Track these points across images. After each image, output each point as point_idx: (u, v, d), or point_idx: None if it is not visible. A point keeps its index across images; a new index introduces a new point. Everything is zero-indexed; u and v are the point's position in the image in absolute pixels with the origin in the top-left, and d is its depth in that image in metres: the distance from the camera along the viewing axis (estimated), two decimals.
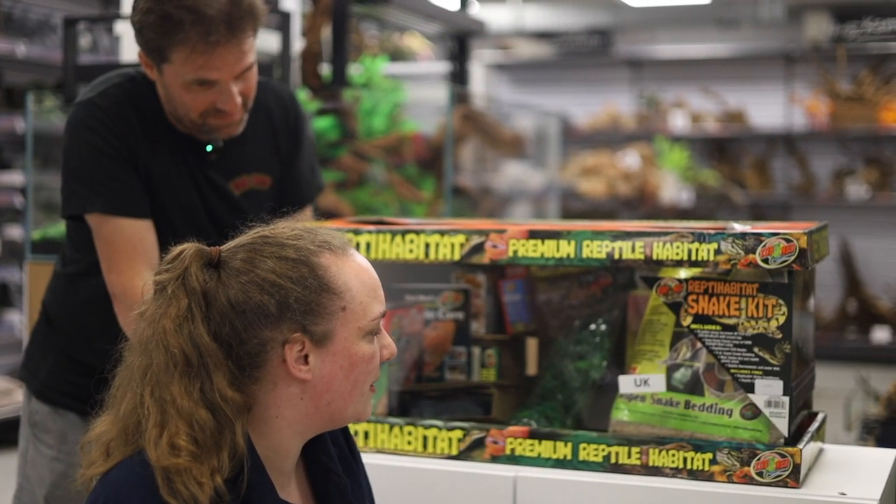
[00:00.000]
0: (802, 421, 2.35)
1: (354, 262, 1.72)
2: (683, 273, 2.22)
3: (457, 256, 2.33)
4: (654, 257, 2.20)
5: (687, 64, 11.48)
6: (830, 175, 10.97)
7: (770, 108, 11.20)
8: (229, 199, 2.63)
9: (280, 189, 2.71)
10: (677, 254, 2.18)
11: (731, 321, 2.17)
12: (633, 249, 2.21)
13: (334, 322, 1.67)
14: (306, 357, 1.66)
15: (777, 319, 2.15)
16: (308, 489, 1.81)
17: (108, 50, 7.31)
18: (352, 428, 2.21)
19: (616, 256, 2.22)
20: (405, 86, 4.52)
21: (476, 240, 2.30)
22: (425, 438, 2.30)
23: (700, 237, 2.17)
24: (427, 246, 2.35)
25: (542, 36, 11.68)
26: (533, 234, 2.28)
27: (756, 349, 2.16)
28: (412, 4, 4.11)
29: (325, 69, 3.88)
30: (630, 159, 7.88)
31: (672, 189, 8.74)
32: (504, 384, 2.45)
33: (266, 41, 4.33)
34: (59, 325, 2.67)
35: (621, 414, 2.27)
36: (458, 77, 4.54)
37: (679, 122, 10.89)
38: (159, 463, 1.57)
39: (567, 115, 11.40)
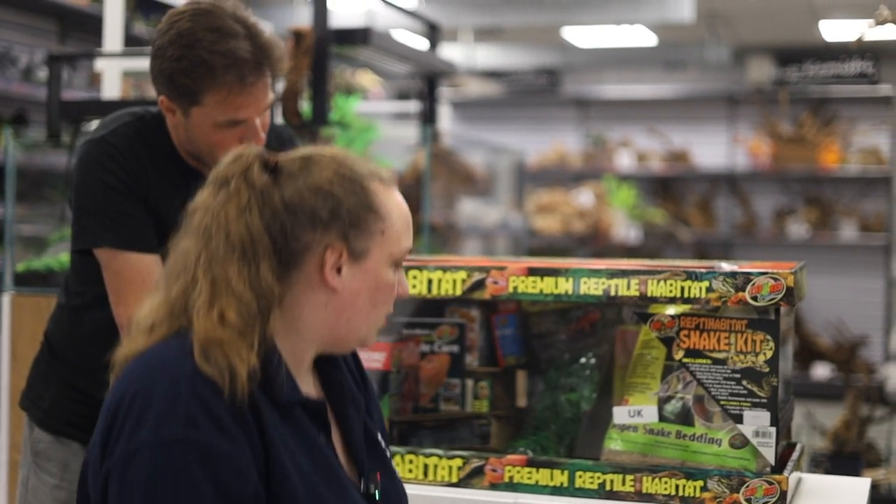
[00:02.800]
0: (783, 452, 2.47)
1: (397, 196, 1.84)
2: (675, 309, 2.34)
3: (458, 292, 2.43)
4: (649, 294, 2.31)
5: (633, 104, 11.70)
6: (772, 214, 11.20)
7: (714, 149, 11.43)
8: None
9: None
10: (671, 291, 2.30)
11: (721, 355, 2.29)
12: (629, 287, 2.33)
13: (372, 242, 1.78)
14: (339, 269, 1.76)
15: (765, 354, 2.27)
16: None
17: (73, 85, 7.35)
18: None
19: (612, 293, 2.34)
20: (377, 124, 4.64)
21: (477, 276, 2.41)
22: (426, 466, 2.39)
23: (692, 276, 2.29)
24: (430, 282, 2.44)
25: (492, 74, 11.85)
26: (532, 272, 2.39)
27: (745, 382, 2.27)
28: (388, 46, 4.22)
29: (305, 107, 3.97)
30: (584, 197, 8.04)
31: (621, 227, 8.91)
32: (499, 415, 2.54)
33: None
34: (62, 356, 2.73)
35: (614, 443, 2.38)
36: (428, 116, 4.65)
37: (625, 160, 11.09)
38: (206, 334, 1.66)
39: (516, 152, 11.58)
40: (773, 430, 2.26)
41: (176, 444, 1.60)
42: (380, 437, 1.95)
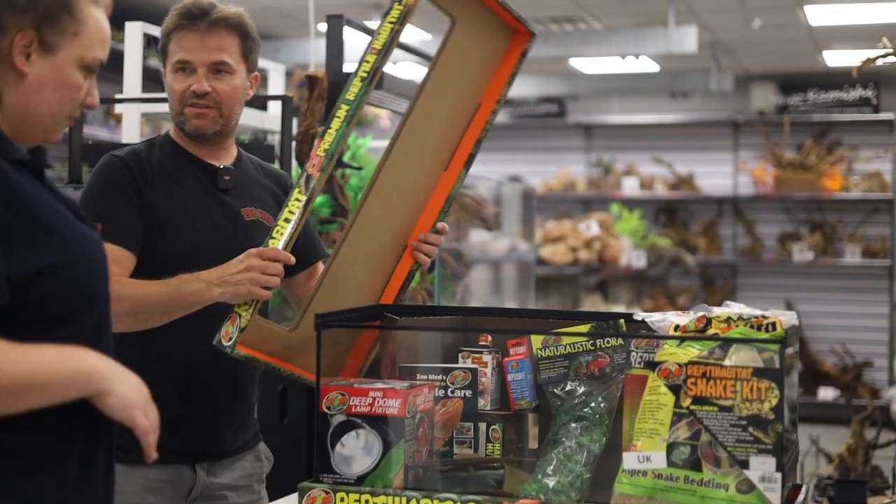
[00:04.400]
0: (789, 493, 2.53)
1: (99, 12, 2.03)
2: (683, 358, 2.41)
3: None
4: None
5: (638, 130, 11.79)
6: (776, 239, 11.27)
7: (718, 174, 11.51)
8: (238, 220, 3.00)
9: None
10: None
11: (728, 403, 2.36)
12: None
13: (64, 41, 1.97)
14: (29, 55, 1.94)
15: (770, 401, 2.34)
16: None
17: (90, 120, 7.43)
18: (370, 501, 2.38)
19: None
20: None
21: None
22: None
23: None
24: None
25: None
26: None
27: (751, 429, 2.34)
28: (400, 88, 4.30)
29: None
30: (591, 228, 8.12)
31: (627, 253, 8.98)
32: (511, 459, 2.62)
33: (271, 125, 4.55)
34: None
35: (624, 487, 2.44)
36: None
37: (631, 186, 11.16)
38: None
39: (521, 179, 11.65)
40: (779, 475, 2.33)
41: None
42: None
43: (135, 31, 4.33)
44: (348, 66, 4.11)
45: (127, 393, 1.91)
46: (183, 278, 2.74)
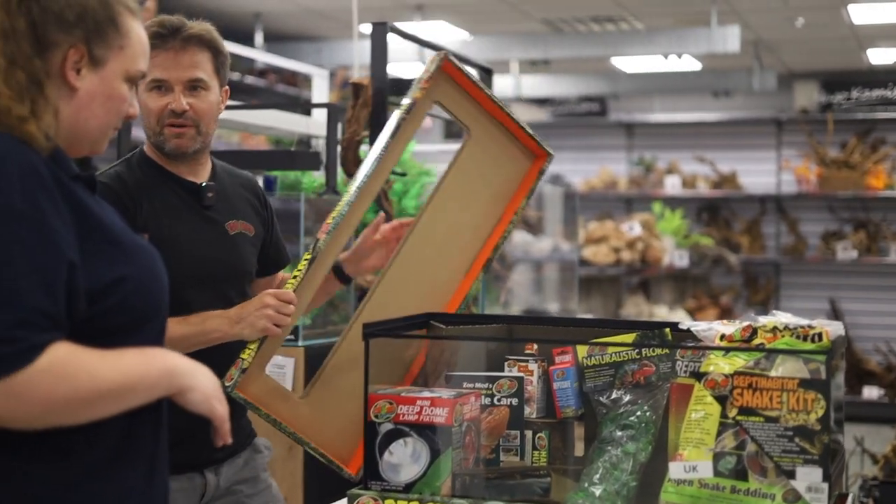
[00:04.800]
0: (835, 502, 2.54)
1: (140, 26, 2.10)
2: (729, 368, 2.42)
3: None
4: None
5: (680, 128, 11.76)
6: (820, 237, 11.22)
7: (761, 173, 11.47)
8: (224, 235, 3.06)
9: (262, 244, 3.19)
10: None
11: (774, 413, 2.37)
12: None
13: (111, 54, 2.03)
14: (80, 70, 1.99)
15: (816, 413, 2.34)
16: None
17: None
18: None
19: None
20: (431, 166, 4.75)
21: None
22: None
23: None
24: None
25: (540, 102, 11.93)
26: None
27: (797, 439, 2.35)
28: None
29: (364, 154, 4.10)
30: (633, 229, 8.13)
31: (670, 252, 8.97)
32: (556, 467, 2.64)
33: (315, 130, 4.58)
34: None
35: (670, 496, 2.46)
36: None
37: (672, 185, 11.14)
38: None
39: (563, 178, 11.64)
40: (826, 485, 2.33)
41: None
42: None
43: None
44: (392, 72, 4.14)
45: (205, 386, 2.01)
46: (205, 316, 2.84)
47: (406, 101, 2.86)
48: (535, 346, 2.82)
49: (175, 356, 2.00)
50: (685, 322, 2.68)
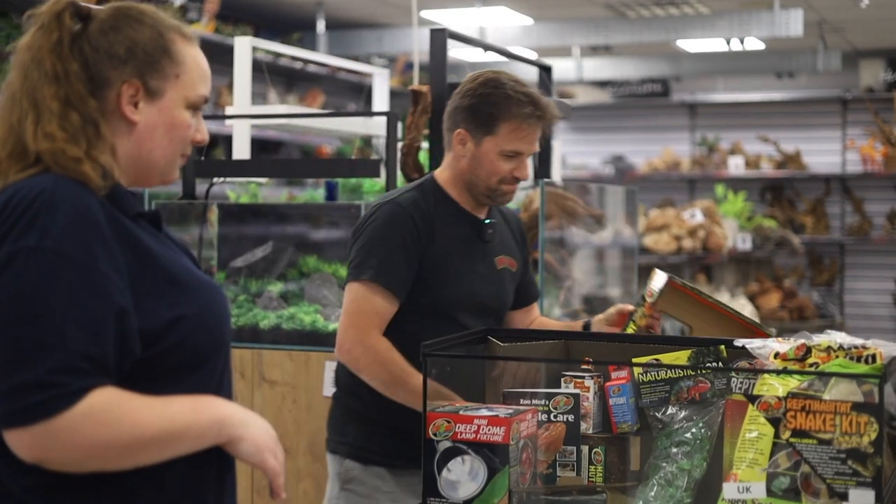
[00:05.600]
0: None
1: (195, 50, 2.09)
2: (781, 392, 2.45)
3: None
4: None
5: (743, 108, 11.67)
6: (885, 217, 11.11)
7: (825, 152, 11.37)
8: (493, 269, 3.28)
9: (520, 279, 3.41)
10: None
11: (827, 436, 2.39)
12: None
13: (167, 84, 2.03)
14: (137, 104, 2.01)
15: (869, 436, 2.36)
16: None
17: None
18: None
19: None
20: None
21: None
22: None
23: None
24: None
25: (602, 84, 11.89)
26: None
27: (850, 462, 2.37)
28: None
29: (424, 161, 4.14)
30: (695, 216, 8.11)
31: (732, 235, 8.93)
32: (612, 486, 2.68)
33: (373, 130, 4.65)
34: (356, 398, 3.20)
35: None
36: (543, 156, 4.77)
37: (736, 165, 11.07)
38: (37, 147, 1.93)
39: (625, 159, 11.62)
40: None
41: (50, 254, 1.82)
42: None
43: (244, 46, 4.43)
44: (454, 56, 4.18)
45: (257, 437, 1.98)
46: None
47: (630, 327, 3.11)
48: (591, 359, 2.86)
49: (228, 405, 1.99)
50: (740, 340, 2.70)
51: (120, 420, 1.82)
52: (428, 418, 2.61)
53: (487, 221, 3.26)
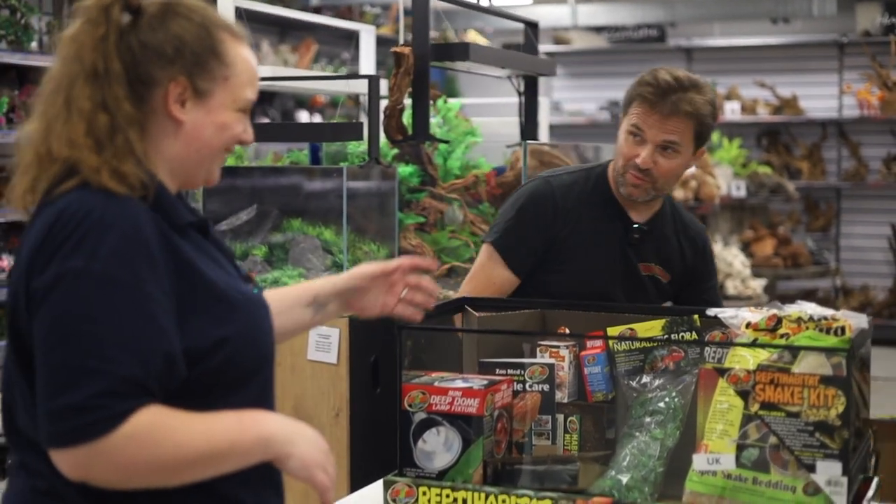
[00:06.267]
0: (860, 487, 2.60)
1: (245, 50, 2.05)
2: (751, 364, 2.47)
3: None
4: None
5: (740, 53, 11.62)
6: (881, 162, 11.10)
7: (822, 97, 11.34)
8: (633, 273, 3.29)
9: (675, 291, 3.40)
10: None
11: (795, 409, 2.41)
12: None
13: (215, 85, 1.99)
14: (184, 103, 1.98)
15: (837, 408, 2.39)
16: None
17: None
18: (451, 495, 2.49)
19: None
20: (478, 122, 4.79)
21: None
22: None
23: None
24: None
25: (597, 29, 11.83)
26: None
27: (817, 434, 2.40)
28: (486, 57, 4.35)
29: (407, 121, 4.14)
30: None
31: (727, 182, 8.93)
32: (583, 456, 2.71)
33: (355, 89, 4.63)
34: None
35: (695, 485, 2.52)
36: (529, 116, 4.78)
37: (732, 110, 11.05)
38: (59, 152, 1.90)
39: (621, 105, 11.57)
40: (845, 479, 2.38)
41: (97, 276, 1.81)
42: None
43: (226, 1, 4.39)
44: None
45: (305, 453, 1.96)
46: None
47: None
48: (567, 330, 2.89)
49: (276, 422, 1.96)
50: (712, 309, 2.73)
51: (162, 441, 1.82)
52: (403, 390, 2.64)
53: (637, 226, 3.27)
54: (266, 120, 8.62)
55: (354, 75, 4.72)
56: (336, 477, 2.03)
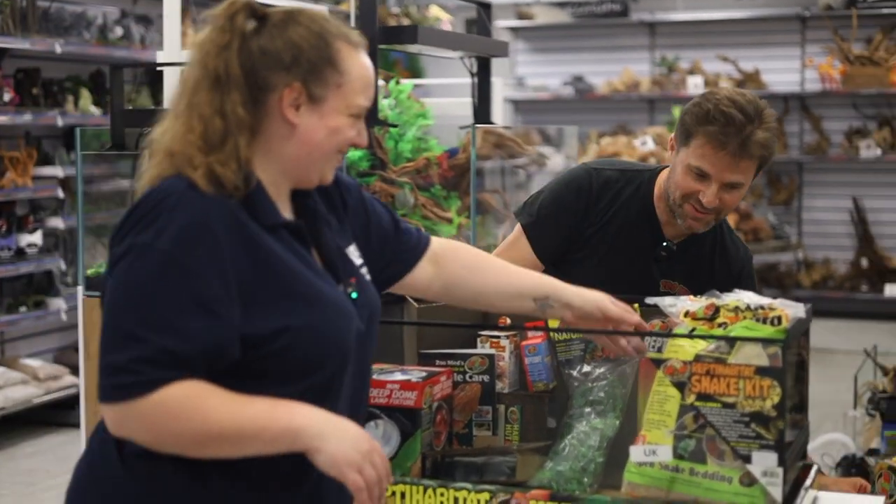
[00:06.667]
0: (799, 474, 2.61)
1: (361, 58, 2.14)
2: (690, 354, 2.47)
3: None
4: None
5: (703, 27, 11.62)
6: (843, 135, 11.13)
7: (784, 71, 11.35)
8: (653, 287, 3.14)
9: None
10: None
11: (731, 400, 2.41)
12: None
13: (329, 92, 2.09)
14: (298, 107, 2.08)
15: (772, 399, 2.39)
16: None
17: (149, 43, 7.52)
18: (389, 489, 2.48)
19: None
20: (433, 103, 4.75)
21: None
22: (456, 500, 2.55)
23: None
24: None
25: (560, 4, 11.80)
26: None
27: (753, 425, 2.40)
28: (436, 39, 4.32)
29: None
30: (646, 143, 8.10)
31: None
32: (522, 448, 2.70)
33: None
34: None
35: (634, 477, 2.52)
36: (481, 96, 4.76)
37: (695, 85, 11.05)
38: (173, 146, 2.04)
39: (585, 80, 11.57)
40: (781, 470, 2.39)
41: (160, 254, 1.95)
42: (352, 250, 2.30)
43: None
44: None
45: (336, 450, 2.01)
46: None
47: None
48: (508, 320, 2.88)
49: (310, 415, 2.02)
50: (651, 298, 2.72)
51: (190, 414, 1.94)
52: None
53: (666, 244, 3.18)
54: None
55: None
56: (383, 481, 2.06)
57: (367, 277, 2.31)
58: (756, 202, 10.89)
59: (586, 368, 2.76)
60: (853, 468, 6.10)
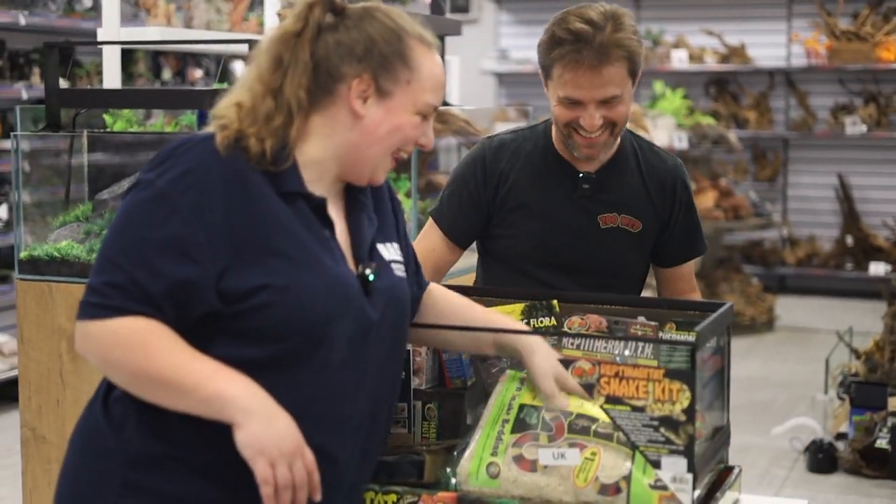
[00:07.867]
0: (720, 474, 2.55)
1: (433, 58, 2.17)
2: (597, 356, 2.41)
3: None
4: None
5: (688, 0, 11.51)
6: (829, 111, 11.05)
7: (770, 45, 11.26)
8: (592, 227, 3.04)
9: (652, 239, 3.13)
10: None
11: (640, 403, 2.35)
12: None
13: (398, 87, 2.12)
14: (366, 99, 2.12)
15: (682, 403, 2.33)
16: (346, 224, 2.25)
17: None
18: None
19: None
20: None
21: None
22: (363, 501, 2.50)
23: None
24: None
25: None
26: None
27: (662, 429, 2.34)
28: None
29: None
30: None
31: (667, 135, 8.85)
32: (430, 448, 2.63)
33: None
34: None
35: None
36: None
37: (680, 59, 10.96)
38: (226, 117, 2.08)
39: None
40: (690, 476, 2.33)
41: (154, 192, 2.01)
42: (389, 247, 2.30)
43: None
44: None
45: (256, 433, 1.97)
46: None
47: None
48: None
49: (248, 390, 1.99)
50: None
51: (135, 349, 1.97)
52: None
53: (583, 175, 3.01)
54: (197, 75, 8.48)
55: (237, 39, 4.60)
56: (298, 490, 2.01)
57: (400, 274, 2.29)
58: (741, 178, 10.82)
59: (503, 364, 2.69)
60: (820, 453, 6.09)
